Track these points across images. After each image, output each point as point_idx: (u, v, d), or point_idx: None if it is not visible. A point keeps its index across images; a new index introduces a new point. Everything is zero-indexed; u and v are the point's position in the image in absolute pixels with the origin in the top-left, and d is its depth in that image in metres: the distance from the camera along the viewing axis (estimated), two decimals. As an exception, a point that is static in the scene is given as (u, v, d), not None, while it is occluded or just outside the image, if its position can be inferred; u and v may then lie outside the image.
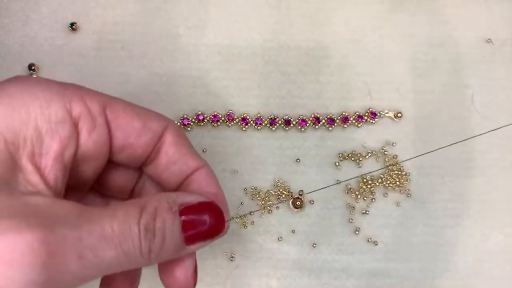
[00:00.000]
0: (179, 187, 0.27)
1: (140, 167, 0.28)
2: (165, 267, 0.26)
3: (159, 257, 0.23)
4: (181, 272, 0.26)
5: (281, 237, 0.37)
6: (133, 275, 0.29)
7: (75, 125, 0.23)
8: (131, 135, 0.25)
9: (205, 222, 0.24)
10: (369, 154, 0.37)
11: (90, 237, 0.21)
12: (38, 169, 0.22)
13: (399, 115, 0.38)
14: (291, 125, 0.37)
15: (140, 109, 0.26)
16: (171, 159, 0.27)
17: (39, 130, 0.22)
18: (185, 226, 0.23)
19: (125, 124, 0.25)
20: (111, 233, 0.21)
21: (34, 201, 0.21)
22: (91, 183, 0.27)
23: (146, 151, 0.26)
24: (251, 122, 0.37)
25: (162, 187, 0.28)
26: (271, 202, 0.37)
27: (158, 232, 0.23)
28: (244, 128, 0.37)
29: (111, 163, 0.27)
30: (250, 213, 0.37)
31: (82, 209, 0.22)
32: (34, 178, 0.22)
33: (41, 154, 0.22)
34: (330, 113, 0.38)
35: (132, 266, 0.23)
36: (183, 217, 0.23)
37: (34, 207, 0.21)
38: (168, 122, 0.27)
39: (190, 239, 0.24)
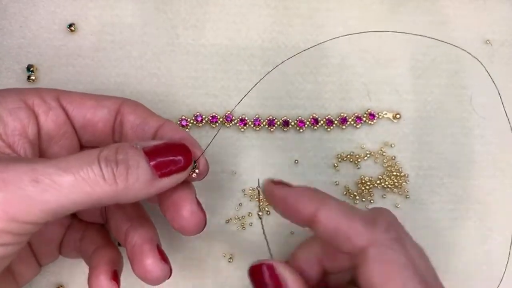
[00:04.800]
0: None
1: None
2: (170, 213, 0.28)
3: (129, 186, 0.24)
4: (186, 210, 0.27)
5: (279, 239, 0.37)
6: (114, 254, 0.30)
7: (31, 110, 0.28)
8: (86, 113, 0.29)
9: (172, 158, 0.26)
10: (368, 155, 0.37)
11: (44, 167, 0.23)
12: (9, 145, 0.27)
13: (397, 116, 0.38)
14: (290, 126, 0.37)
15: (93, 94, 0.30)
16: (133, 124, 0.30)
17: (1, 115, 0.27)
18: (155, 165, 0.25)
19: (79, 105, 0.29)
20: (66, 164, 0.24)
21: (2, 156, 0.26)
22: None
23: (107, 125, 0.30)
24: (250, 123, 0.37)
25: None
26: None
27: (121, 162, 0.24)
28: (242, 129, 0.37)
29: (87, 148, 0.30)
30: (248, 214, 0.37)
31: (45, 158, 0.25)
32: (6, 150, 0.26)
33: (7, 134, 0.27)
34: (329, 114, 0.38)
35: (101, 195, 0.24)
36: (152, 162, 0.25)
37: (1, 158, 0.25)
38: (123, 99, 0.30)
39: (163, 173, 0.26)
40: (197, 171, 0.28)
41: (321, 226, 0.26)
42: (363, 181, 0.37)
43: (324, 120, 0.37)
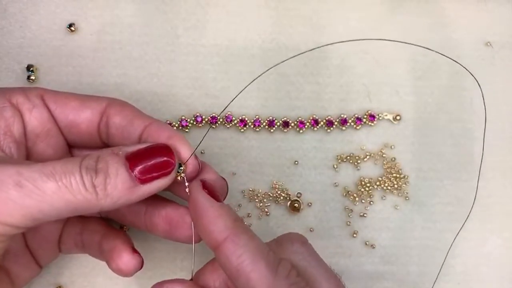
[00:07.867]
0: None
1: (106, 145, 0.31)
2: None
3: (108, 194, 0.25)
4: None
5: (278, 240, 0.37)
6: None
7: (16, 109, 0.28)
8: (69, 113, 0.29)
9: (155, 162, 0.26)
10: (368, 157, 0.37)
11: (29, 171, 0.23)
12: None
13: (398, 117, 0.38)
14: (290, 127, 0.37)
15: (80, 95, 0.30)
16: (119, 126, 0.29)
17: None
18: (137, 172, 0.25)
19: (62, 105, 0.29)
20: (51, 170, 0.24)
21: None
22: None
23: (90, 126, 0.29)
24: (250, 123, 0.37)
25: None
26: (269, 205, 0.37)
27: (100, 171, 0.25)
28: (242, 130, 0.37)
29: (75, 148, 0.31)
30: (247, 215, 0.37)
31: (32, 162, 0.25)
32: None
33: None
34: (329, 115, 0.38)
35: (83, 203, 0.24)
36: (134, 168, 0.25)
37: None
38: (110, 99, 0.30)
39: (144, 180, 0.25)
40: (183, 174, 0.27)
41: (224, 258, 0.25)
42: (363, 182, 0.37)
43: (324, 121, 0.37)
